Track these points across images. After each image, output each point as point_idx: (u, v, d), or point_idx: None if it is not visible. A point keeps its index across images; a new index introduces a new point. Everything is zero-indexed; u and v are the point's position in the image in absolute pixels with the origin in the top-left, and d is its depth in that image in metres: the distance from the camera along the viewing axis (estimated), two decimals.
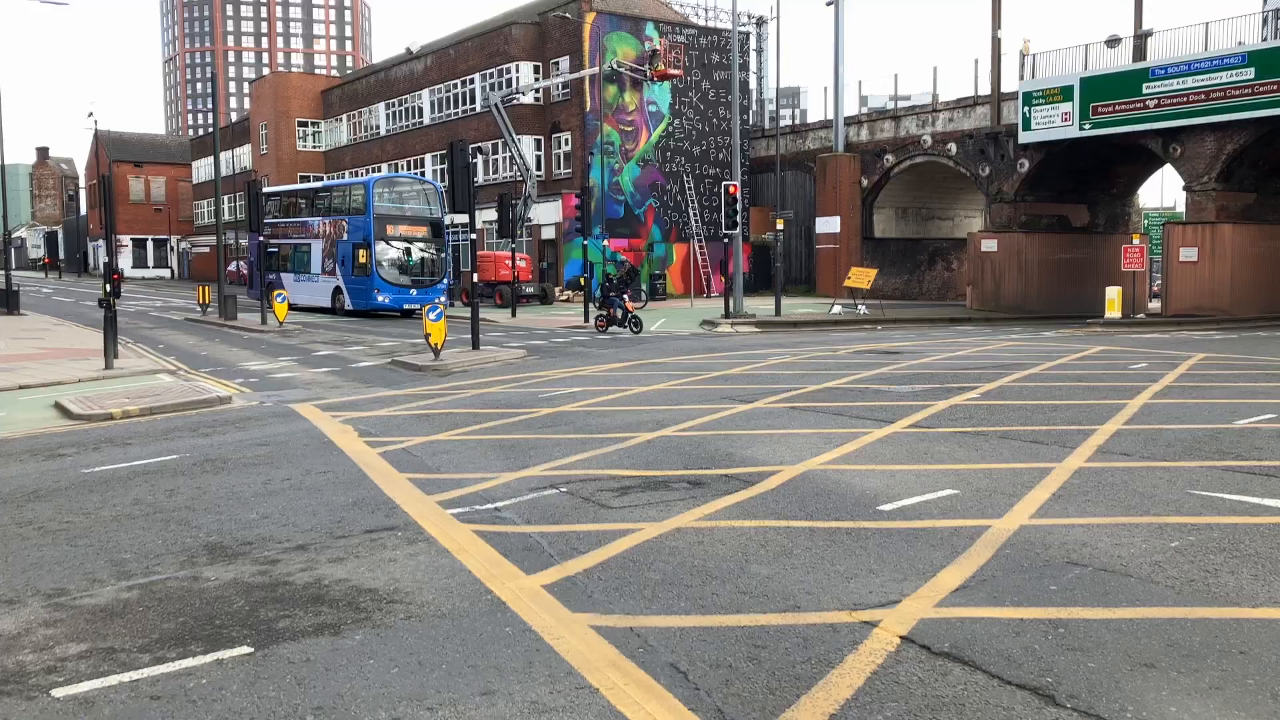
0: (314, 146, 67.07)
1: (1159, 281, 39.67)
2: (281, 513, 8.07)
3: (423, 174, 57.43)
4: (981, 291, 40.41)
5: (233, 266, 63.42)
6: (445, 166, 26.11)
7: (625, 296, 28.17)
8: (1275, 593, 5.72)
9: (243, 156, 72.20)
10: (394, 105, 59.56)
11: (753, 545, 6.84)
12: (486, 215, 44.70)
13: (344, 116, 64.82)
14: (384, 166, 60.94)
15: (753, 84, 56.52)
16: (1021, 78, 39.40)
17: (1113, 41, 36.64)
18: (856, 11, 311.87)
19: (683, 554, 6.66)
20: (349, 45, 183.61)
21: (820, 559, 6.51)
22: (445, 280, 38.02)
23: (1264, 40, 33.98)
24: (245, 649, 5.22)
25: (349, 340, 26.29)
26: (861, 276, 36.13)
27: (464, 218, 23.45)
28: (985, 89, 41.94)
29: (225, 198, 59.43)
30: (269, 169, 65.51)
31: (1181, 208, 40.90)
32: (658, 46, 47.55)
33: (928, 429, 11.29)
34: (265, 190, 40.50)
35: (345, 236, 36.79)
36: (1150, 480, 8.55)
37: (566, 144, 47.95)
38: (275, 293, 28.45)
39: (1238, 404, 12.89)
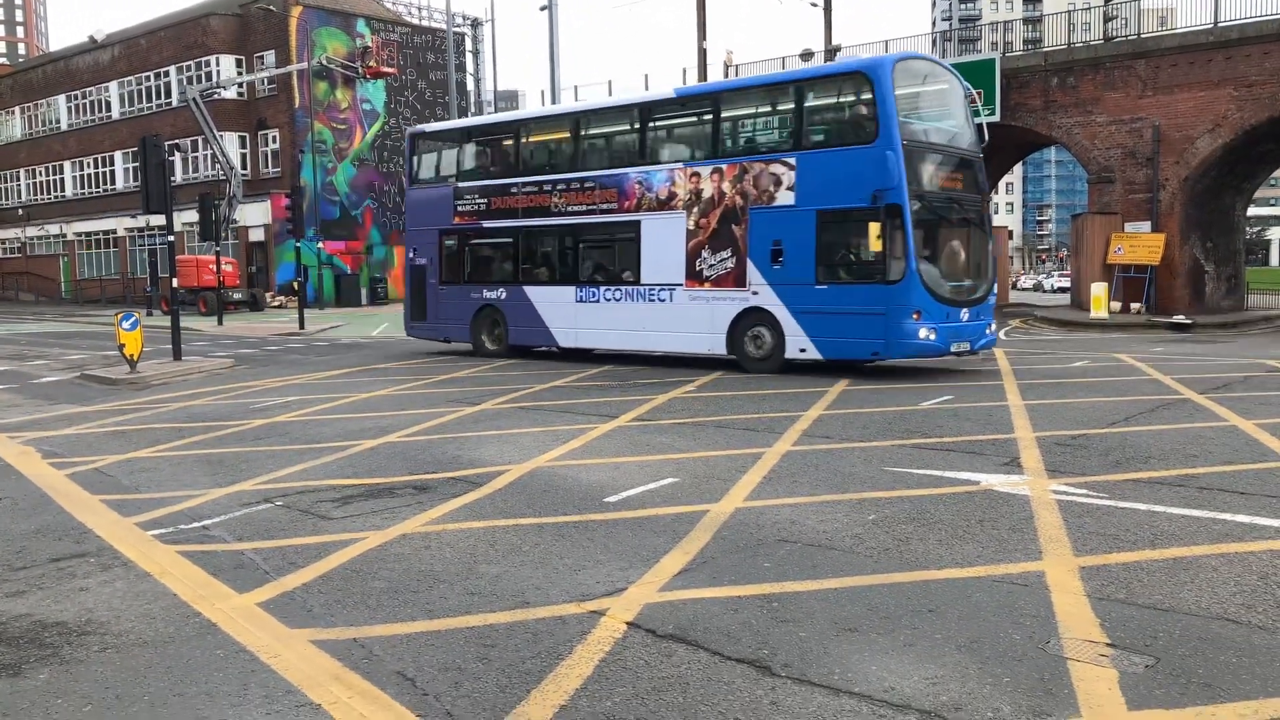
0: None
1: None
2: None
3: (112, 173, 53.01)
4: None
5: None
6: (138, 165, 23.89)
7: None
8: (957, 555, 6.31)
9: None
10: (77, 98, 54.62)
11: (481, 545, 6.77)
12: (187, 217, 41.96)
13: (16, 109, 58.75)
14: (66, 165, 55.77)
15: (471, 86, 56.06)
16: None
17: (806, 55, 39.23)
18: (570, 16, 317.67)
19: (409, 560, 6.49)
20: (20, 31, 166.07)
21: (549, 554, 6.54)
22: (993, 291, 16.93)
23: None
24: None
25: (29, 355, 23.82)
26: None
27: (160, 219, 21.57)
28: None
29: None
30: None
31: None
32: (370, 44, 46.26)
33: (650, 421, 11.64)
34: (426, 129, 23.21)
35: (784, 199, 16.03)
36: (850, 460, 9.22)
37: (275, 141, 45.75)
38: None
39: (925, 388, 14.16)
